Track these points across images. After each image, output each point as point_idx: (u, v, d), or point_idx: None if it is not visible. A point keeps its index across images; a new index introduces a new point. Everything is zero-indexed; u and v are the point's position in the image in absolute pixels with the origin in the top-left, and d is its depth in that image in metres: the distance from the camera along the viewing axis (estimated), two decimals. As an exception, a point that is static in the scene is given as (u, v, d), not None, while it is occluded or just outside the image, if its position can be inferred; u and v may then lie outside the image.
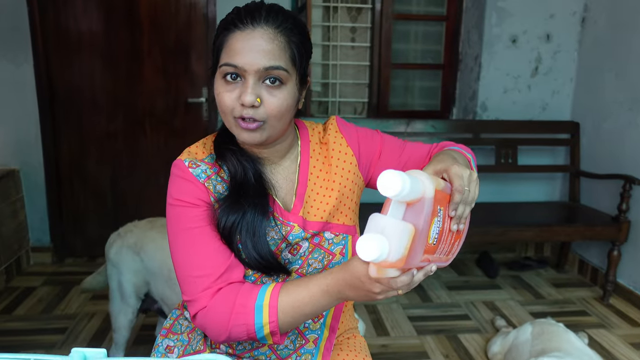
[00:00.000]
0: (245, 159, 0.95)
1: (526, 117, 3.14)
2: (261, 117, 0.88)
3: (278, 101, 0.88)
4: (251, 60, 0.86)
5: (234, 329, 0.85)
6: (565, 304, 2.71)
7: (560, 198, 3.29)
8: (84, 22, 2.81)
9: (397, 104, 3.37)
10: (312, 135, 1.05)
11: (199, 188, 0.92)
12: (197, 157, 0.96)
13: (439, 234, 0.75)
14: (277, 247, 0.96)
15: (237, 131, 0.91)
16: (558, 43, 3.08)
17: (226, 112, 0.90)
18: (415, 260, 0.70)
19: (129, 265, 1.75)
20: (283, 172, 1.01)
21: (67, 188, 2.98)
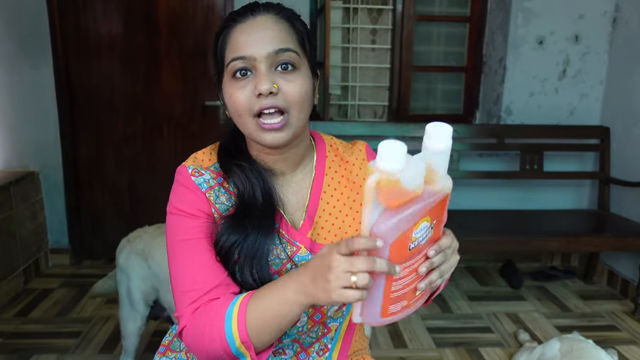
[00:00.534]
0: (254, 175, 0.88)
1: (553, 122, 3.02)
2: (282, 104, 0.82)
3: (296, 86, 0.83)
4: (259, 47, 0.82)
5: (211, 345, 0.79)
6: (594, 317, 2.58)
7: (588, 206, 3.15)
8: (103, 25, 2.81)
9: (419, 108, 3.28)
10: (329, 151, 0.99)
11: (199, 198, 0.87)
12: (202, 165, 0.91)
13: (416, 248, 0.68)
14: (282, 267, 0.90)
15: (260, 135, 0.84)
16: (587, 44, 2.96)
17: (243, 112, 0.83)
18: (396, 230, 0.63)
19: (137, 271, 1.72)
20: (295, 185, 0.94)
21: (86, 190, 2.99)
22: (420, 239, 0.68)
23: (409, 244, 0.66)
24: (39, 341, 2.21)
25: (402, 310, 0.72)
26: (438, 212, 0.69)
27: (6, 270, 2.56)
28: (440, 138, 0.64)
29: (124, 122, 2.93)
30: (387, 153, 0.59)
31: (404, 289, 0.70)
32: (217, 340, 0.78)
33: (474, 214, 2.87)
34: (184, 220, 0.87)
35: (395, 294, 0.69)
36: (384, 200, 0.61)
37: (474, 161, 3.02)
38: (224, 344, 0.78)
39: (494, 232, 2.57)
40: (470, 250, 2.53)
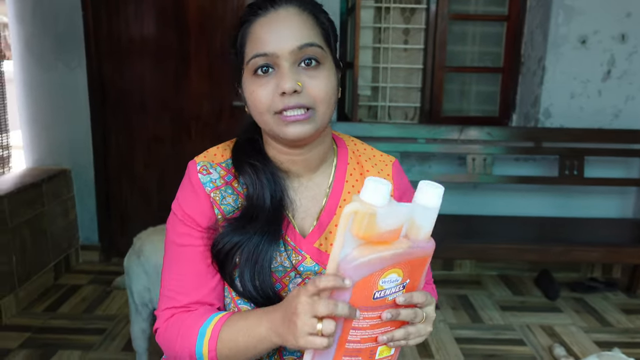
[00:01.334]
0: (266, 176, 0.84)
1: (595, 125, 2.86)
2: (308, 102, 0.78)
3: (321, 83, 0.79)
4: (282, 42, 0.77)
5: (181, 352, 0.80)
6: (637, 333, 2.42)
7: (633, 215, 2.97)
8: (134, 27, 2.84)
9: (452, 110, 3.18)
10: (351, 158, 0.93)
11: (201, 201, 0.84)
12: (214, 161, 0.87)
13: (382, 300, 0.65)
14: (285, 275, 0.85)
15: (282, 129, 0.79)
16: (635, 44, 2.79)
17: (263, 110, 0.80)
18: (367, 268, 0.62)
19: (134, 270, 1.72)
20: (311, 190, 0.89)
21: (116, 189, 3.03)
22: (387, 292, 0.65)
23: (373, 291, 0.64)
24: (65, 337, 2.23)
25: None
26: (413, 271, 0.66)
27: (37, 266, 2.61)
28: (430, 197, 0.64)
29: (154, 122, 2.95)
30: (372, 187, 0.60)
31: (361, 344, 0.67)
32: (186, 352, 0.79)
33: (509, 220, 2.75)
34: (184, 226, 0.85)
35: (351, 345, 0.66)
36: (356, 231, 0.60)
37: (510, 165, 2.89)
38: (192, 357, 0.79)
39: (529, 240, 2.45)
40: (504, 258, 2.42)
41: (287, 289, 0.85)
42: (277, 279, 0.84)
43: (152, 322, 1.81)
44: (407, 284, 0.66)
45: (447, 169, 2.92)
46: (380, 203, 0.60)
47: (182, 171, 0.89)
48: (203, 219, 0.84)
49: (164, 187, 3.02)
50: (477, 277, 3.02)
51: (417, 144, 2.72)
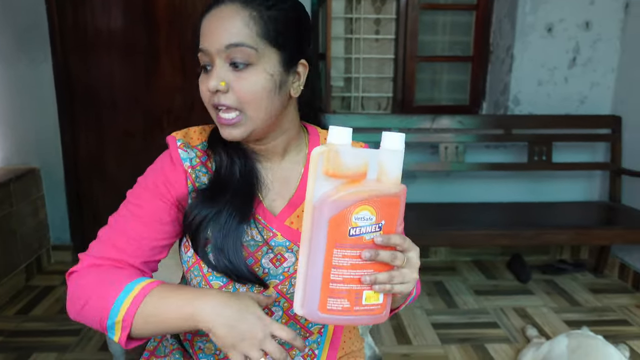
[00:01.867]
0: (236, 153, 0.87)
1: (562, 112, 2.93)
2: (233, 103, 0.80)
3: (248, 84, 0.79)
4: (212, 40, 0.79)
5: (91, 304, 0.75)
6: (604, 312, 2.51)
7: (599, 198, 3.07)
8: (101, 19, 2.77)
9: (424, 99, 3.21)
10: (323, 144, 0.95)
11: (177, 173, 0.86)
12: (191, 143, 0.89)
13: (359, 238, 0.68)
14: (257, 249, 0.86)
15: (219, 127, 0.84)
16: (598, 31, 2.87)
17: (206, 104, 0.84)
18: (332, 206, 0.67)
19: None
20: (283, 173, 0.91)
21: (87, 186, 2.97)
22: (362, 230, 0.68)
23: (348, 227, 0.67)
24: (40, 339, 2.19)
25: (342, 313, 0.69)
26: (386, 211, 0.69)
27: (7, 268, 2.55)
28: (393, 142, 0.70)
29: (124, 117, 2.89)
30: (336, 132, 0.68)
31: (344, 284, 0.68)
32: (99, 304, 0.74)
33: (481, 206, 2.81)
34: (149, 191, 0.85)
35: (335, 286, 0.68)
36: (325, 169, 0.66)
37: (481, 153, 2.95)
38: (105, 311, 0.74)
39: (501, 225, 2.51)
40: (478, 244, 2.47)
41: (259, 264, 0.86)
42: (249, 253, 0.86)
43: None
44: (382, 225, 0.69)
45: (420, 158, 2.95)
46: (344, 141, 0.68)
47: None
48: (177, 187, 0.85)
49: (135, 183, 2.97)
50: (452, 263, 3.08)
51: (390, 134, 2.74)
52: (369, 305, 0.70)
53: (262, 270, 0.87)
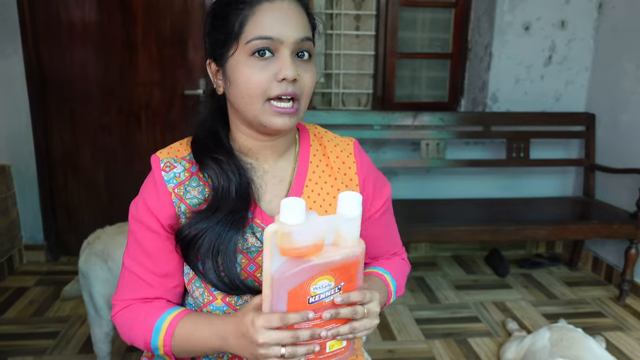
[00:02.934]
0: (231, 168, 0.85)
1: (538, 109, 3.00)
2: (299, 92, 0.82)
3: (311, 77, 0.84)
4: (287, 31, 0.79)
5: (136, 340, 0.86)
6: (580, 304, 2.59)
7: (573, 193, 3.15)
8: (75, 10, 2.67)
9: (404, 96, 3.23)
10: (314, 140, 0.96)
11: (161, 202, 0.85)
12: (177, 155, 0.87)
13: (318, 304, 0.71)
14: (257, 255, 0.85)
15: (269, 119, 0.82)
16: (573, 30, 2.93)
17: (256, 94, 0.80)
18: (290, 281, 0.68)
19: (97, 274, 1.64)
20: (277, 173, 0.91)
21: (61, 183, 2.87)
22: (322, 296, 0.70)
23: (307, 297, 0.69)
24: (14, 343, 2.11)
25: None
26: (345, 274, 0.71)
27: (-23, 269, 2.45)
28: (350, 206, 0.69)
29: (99, 112, 2.81)
30: (287, 208, 0.66)
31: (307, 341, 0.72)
32: (141, 340, 0.85)
33: (461, 202, 2.85)
34: (145, 228, 0.86)
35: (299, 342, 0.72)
36: (280, 248, 0.66)
37: (460, 149, 2.98)
38: (148, 347, 0.84)
39: (482, 221, 2.54)
40: (459, 240, 2.51)
41: (261, 269, 0.85)
42: (249, 259, 0.85)
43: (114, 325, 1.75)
44: (342, 285, 0.72)
45: (401, 155, 2.97)
46: (295, 222, 0.66)
47: (133, 162, 0.89)
48: (163, 216, 0.85)
49: (113, 179, 2.89)
50: (433, 258, 3.12)
51: (372, 131, 2.75)
52: (333, 351, 0.75)
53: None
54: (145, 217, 0.86)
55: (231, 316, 0.77)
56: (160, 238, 0.86)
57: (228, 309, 0.86)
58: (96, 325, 1.71)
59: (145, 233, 0.86)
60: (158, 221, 0.85)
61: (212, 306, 0.86)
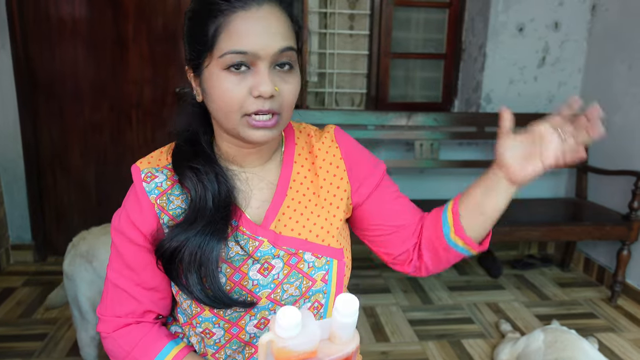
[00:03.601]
0: (209, 178, 0.81)
1: (532, 110, 3.00)
2: (278, 107, 0.77)
3: (292, 88, 0.78)
4: (264, 43, 0.74)
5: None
6: (572, 305, 2.59)
7: (565, 194, 3.16)
8: (64, 6, 2.63)
9: (397, 96, 3.22)
10: (299, 138, 0.92)
11: (144, 214, 0.82)
12: (158, 165, 0.84)
13: None
14: (242, 263, 0.83)
15: (247, 132, 0.78)
16: (566, 32, 2.94)
17: (233, 110, 0.76)
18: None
19: (82, 276, 1.61)
20: (263, 178, 0.88)
21: (49, 183, 2.82)
22: None
23: None
24: (0, 345, 2.06)
25: None
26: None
27: (-37, 269, 2.40)
28: (347, 312, 0.67)
29: (90, 109, 2.76)
30: (283, 320, 0.63)
31: None
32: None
33: (454, 203, 2.83)
34: (128, 242, 0.84)
35: None
36: (275, 357, 0.65)
37: (453, 150, 2.98)
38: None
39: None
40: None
41: (247, 277, 0.83)
42: (235, 268, 0.82)
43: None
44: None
45: (395, 155, 2.96)
46: (291, 334, 0.64)
47: (123, 161, 0.87)
48: (147, 229, 0.83)
49: (103, 178, 2.85)
50: (425, 259, 3.11)
51: (366, 131, 2.73)
52: None
53: (252, 282, 0.83)
54: (129, 230, 0.83)
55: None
56: (145, 252, 0.83)
57: (217, 320, 0.83)
58: (82, 329, 1.67)
59: (128, 247, 0.84)
60: (142, 234, 0.82)
61: (200, 317, 0.84)
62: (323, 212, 0.87)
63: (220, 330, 0.85)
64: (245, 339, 0.86)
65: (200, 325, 0.84)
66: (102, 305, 0.89)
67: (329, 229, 0.87)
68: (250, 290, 0.83)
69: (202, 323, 0.84)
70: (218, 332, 0.85)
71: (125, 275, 0.85)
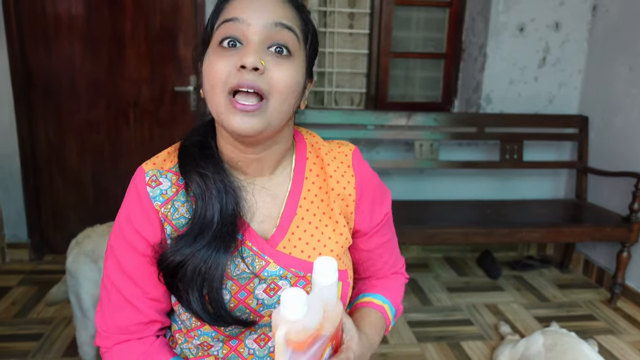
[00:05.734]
0: (217, 186, 0.77)
1: (532, 110, 2.98)
2: (264, 86, 0.70)
3: (286, 73, 0.72)
4: (257, 13, 0.71)
5: None
6: (571, 307, 2.58)
7: (565, 195, 3.15)
8: (62, 3, 2.60)
9: (397, 95, 3.20)
10: (310, 153, 0.87)
11: (150, 218, 0.78)
12: (163, 167, 0.79)
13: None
14: (249, 282, 0.79)
15: (228, 117, 0.71)
16: (567, 32, 2.92)
17: (217, 84, 0.71)
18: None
19: (86, 274, 1.59)
20: (270, 190, 0.83)
21: (46, 181, 2.80)
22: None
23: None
24: (-5, 345, 2.05)
25: None
26: (335, 335, 0.73)
27: (-42, 268, 2.37)
28: (327, 273, 0.68)
29: (86, 108, 2.74)
30: (290, 303, 0.63)
31: None
32: None
33: (454, 204, 2.82)
34: (129, 250, 0.80)
35: None
36: (292, 346, 0.65)
37: (453, 150, 2.96)
38: None
39: (474, 223, 2.52)
40: (453, 242, 2.48)
41: (252, 296, 0.80)
42: (240, 286, 0.79)
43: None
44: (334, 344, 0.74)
45: (394, 155, 2.94)
46: (302, 314, 0.64)
47: (120, 160, 0.82)
48: (151, 235, 0.78)
49: (100, 176, 2.82)
50: (424, 260, 3.10)
51: (365, 131, 2.71)
52: None
53: (256, 301, 0.80)
54: (131, 236, 0.79)
55: None
56: (148, 262, 0.78)
57: (217, 335, 0.81)
58: (82, 328, 1.66)
59: (129, 255, 0.79)
60: (145, 241, 0.78)
61: (199, 331, 0.81)
62: (332, 234, 0.84)
63: (219, 343, 0.82)
64: (244, 354, 0.83)
65: (199, 338, 0.82)
66: (100, 316, 0.83)
67: (338, 252, 0.84)
68: (254, 309, 0.80)
69: (201, 336, 0.81)
70: (216, 345, 0.82)
71: (127, 285, 0.80)
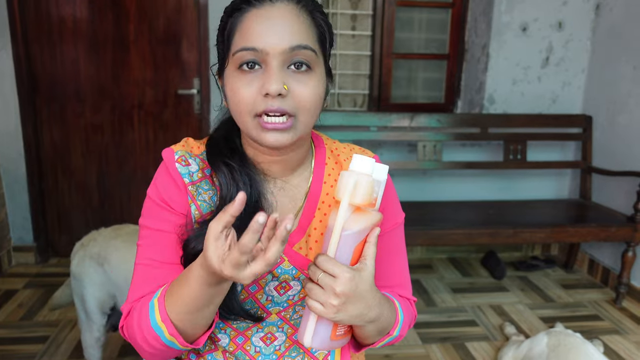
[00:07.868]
0: (243, 179, 0.79)
1: (535, 110, 2.98)
2: (291, 108, 0.73)
3: (308, 89, 0.74)
4: (274, 40, 0.72)
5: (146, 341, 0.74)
6: (576, 307, 2.57)
7: (569, 195, 3.14)
8: (66, 7, 2.62)
9: (400, 96, 3.20)
10: (329, 158, 0.89)
11: (180, 192, 0.79)
12: (192, 151, 0.82)
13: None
14: (262, 277, 0.80)
15: (260, 135, 0.74)
16: (570, 32, 2.92)
17: (244, 111, 0.74)
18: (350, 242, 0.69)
19: (91, 277, 1.60)
20: (289, 191, 0.85)
21: (51, 183, 2.81)
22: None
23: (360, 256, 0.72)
24: (2, 348, 2.06)
25: (344, 335, 0.75)
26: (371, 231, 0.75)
27: (-36, 271, 2.39)
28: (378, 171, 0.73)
29: (91, 110, 2.75)
30: (363, 160, 0.69)
31: None
32: (149, 336, 0.73)
33: (458, 205, 2.82)
34: (162, 210, 0.80)
35: None
36: (359, 200, 0.68)
37: (457, 151, 2.96)
38: (155, 337, 0.73)
39: (479, 224, 2.52)
40: (457, 243, 2.48)
41: (263, 291, 0.81)
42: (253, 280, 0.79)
43: (107, 329, 1.71)
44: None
45: (397, 156, 2.94)
46: (370, 171, 0.68)
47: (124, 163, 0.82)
48: (181, 207, 0.80)
49: (104, 179, 2.84)
50: (428, 260, 3.10)
51: (369, 132, 2.72)
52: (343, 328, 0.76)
53: (266, 297, 0.82)
54: (163, 218, 0.79)
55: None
56: (177, 238, 0.78)
57: (224, 326, 0.82)
58: (87, 331, 1.66)
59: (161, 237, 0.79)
60: (176, 212, 0.79)
61: None
62: None
63: (226, 337, 0.84)
64: (251, 351, 0.84)
65: None
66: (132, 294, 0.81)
67: None
68: (262, 304, 0.81)
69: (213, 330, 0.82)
70: (223, 340, 0.84)
71: (155, 269, 0.79)
